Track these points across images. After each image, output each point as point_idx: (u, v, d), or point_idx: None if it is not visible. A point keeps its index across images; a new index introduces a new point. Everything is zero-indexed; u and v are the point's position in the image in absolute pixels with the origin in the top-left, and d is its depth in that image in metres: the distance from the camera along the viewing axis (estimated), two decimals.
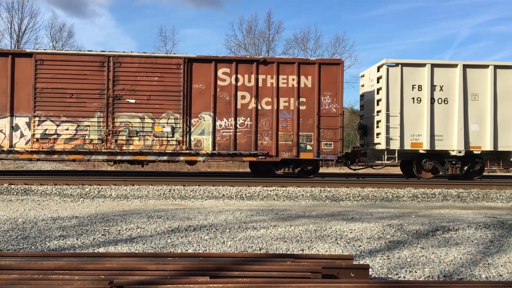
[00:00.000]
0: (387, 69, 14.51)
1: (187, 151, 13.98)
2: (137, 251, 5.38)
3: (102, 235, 6.23)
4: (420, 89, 14.51)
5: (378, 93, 15.01)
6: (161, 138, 13.92)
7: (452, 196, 11.55)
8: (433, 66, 14.60)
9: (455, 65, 14.62)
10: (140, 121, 13.86)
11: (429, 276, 4.56)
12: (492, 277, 4.59)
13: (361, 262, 4.98)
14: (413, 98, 14.49)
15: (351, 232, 6.51)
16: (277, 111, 14.22)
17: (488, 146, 14.44)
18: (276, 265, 3.89)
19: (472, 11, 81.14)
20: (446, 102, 14.52)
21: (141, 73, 13.88)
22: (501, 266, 4.93)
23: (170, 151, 13.95)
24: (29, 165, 22.87)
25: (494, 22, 79.48)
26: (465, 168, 14.70)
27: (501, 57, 78.17)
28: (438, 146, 14.42)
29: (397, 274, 4.62)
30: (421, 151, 14.47)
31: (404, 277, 4.54)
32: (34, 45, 44.09)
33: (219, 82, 14.14)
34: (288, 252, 5.41)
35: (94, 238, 6.03)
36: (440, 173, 14.83)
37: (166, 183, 12.67)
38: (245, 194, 11.29)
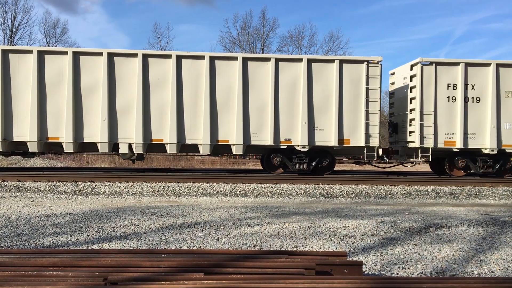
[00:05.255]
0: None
1: None
2: (131, 248, 5.38)
3: (96, 232, 6.22)
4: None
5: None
6: None
7: (445, 193, 11.62)
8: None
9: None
10: None
11: (422, 273, 4.60)
12: (484, 273, 4.63)
13: (355, 259, 5.01)
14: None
15: (344, 229, 6.54)
16: None
17: None
18: (270, 261, 3.90)
19: (469, 8, 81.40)
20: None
21: None
22: (493, 262, 4.97)
23: None
24: (22, 162, 22.75)
25: (490, 19, 79.79)
26: None
27: (497, 55, 78.61)
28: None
29: (390, 270, 4.65)
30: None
31: (397, 274, 4.57)
32: (27, 41, 43.85)
33: None
34: (282, 249, 5.43)
35: (88, 235, 6.02)
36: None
37: (160, 180, 12.65)
38: (240, 191, 11.30)
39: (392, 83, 16.88)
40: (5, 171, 15.61)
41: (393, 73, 16.92)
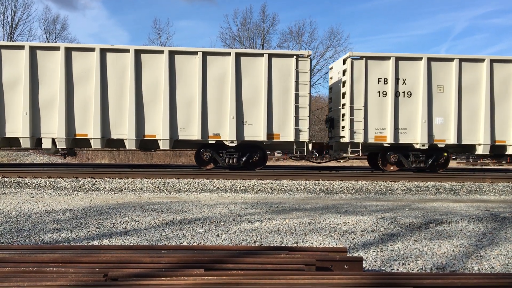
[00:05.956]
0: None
1: None
2: (131, 244, 5.38)
3: (97, 228, 6.22)
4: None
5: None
6: None
7: (445, 189, 11.62)
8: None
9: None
10: None
11: (422, 269, 4.60)
12: (484, 269, 4.63)
13: (355, 255, 5.01)
14: None
15: (345, 225, 6.54)
16: None
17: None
18: (271, 257, 3.90)
19: (470, 3, 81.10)
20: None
21: None
22: (493, 258, 4.98)
23: None
24: (23, 158, 22.76)
25: (491, 15, 79.43)
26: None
27: (498, 50, 78.44)
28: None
29: (390, 266, 4.65)
30: None
31: (398, 270, 4.57)
32: (27, 37, 43.78)
33: None
34: (282, 245, 5.43)
35: (88, 231, 6.02)
36: None
37: (160, 176, 12.66)
38: (240, 187, 11.31)
39: (331, 78, 16.78)
40: (5, 167, 15.62)
41: (332, 68, 16.82)
